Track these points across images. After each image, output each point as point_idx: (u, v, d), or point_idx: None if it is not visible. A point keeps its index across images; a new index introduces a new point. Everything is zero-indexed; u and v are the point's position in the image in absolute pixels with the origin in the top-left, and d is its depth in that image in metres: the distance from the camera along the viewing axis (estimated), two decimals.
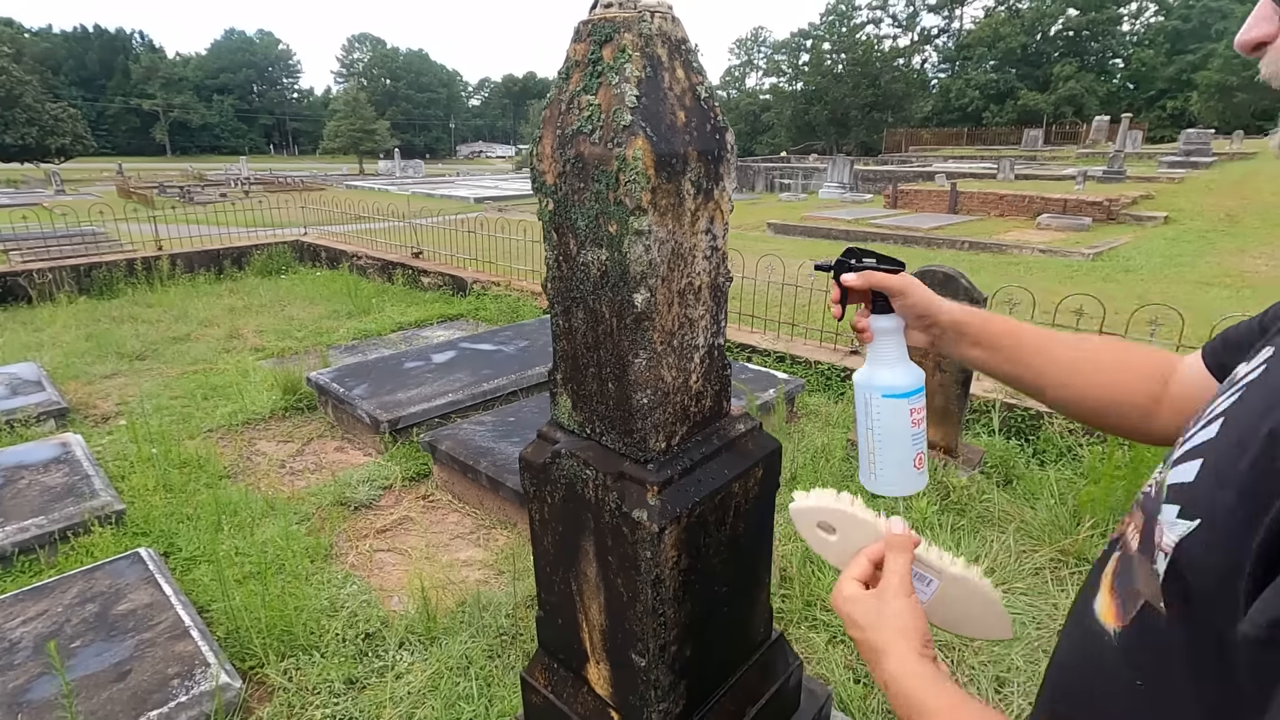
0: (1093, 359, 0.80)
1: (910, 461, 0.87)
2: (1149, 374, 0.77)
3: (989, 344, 0.83)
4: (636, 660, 1.13)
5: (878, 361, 0.87)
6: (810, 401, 4.20)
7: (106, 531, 2.72)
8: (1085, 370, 0.79)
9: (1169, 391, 0.76)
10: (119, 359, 5.17)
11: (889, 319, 0.86)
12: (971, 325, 0.84)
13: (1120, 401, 0.78)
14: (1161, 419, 0.76)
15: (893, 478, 0.88)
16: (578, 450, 1.11)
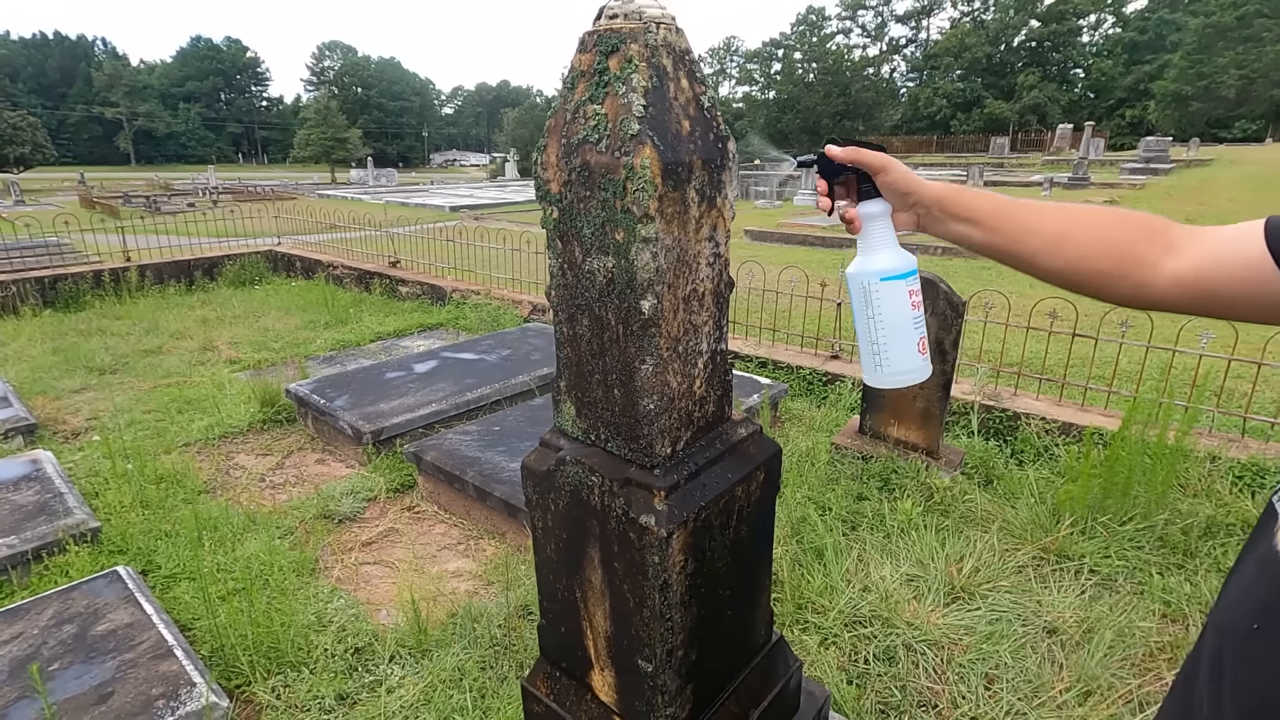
0: (1084, 226, 0.78)
1: (914, 346, 0.87)
2: (1148, 236, 0.74)
3: (974, 219, 0.82)
4: (643, 666, 1.14)
5: (870, 248, 0.87)
6: (793, 406, 4.24)
7: (82, 550, 2.64)
8: (1076, 239, 0.77)
9: (1191, 252, 0.71)
10: (88, 373, 5.03)
11: (876, 204, 0.86)
12: (955, 201, 0.83)
13: (1115, 266, 0.75)
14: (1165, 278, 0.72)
15: (899, 365, 0.88)
16: (583, 457, 1.11)
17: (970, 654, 2.17)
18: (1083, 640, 2.19)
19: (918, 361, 0.88)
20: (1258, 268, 0.65)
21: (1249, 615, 0.57)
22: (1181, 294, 0.71)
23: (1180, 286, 0.71)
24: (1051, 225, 0.78)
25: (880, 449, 3.41)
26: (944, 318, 3.11)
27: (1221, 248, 0.69)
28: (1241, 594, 0.61)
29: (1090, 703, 1.95)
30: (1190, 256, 0.71)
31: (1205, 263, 0.70)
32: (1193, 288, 0.71)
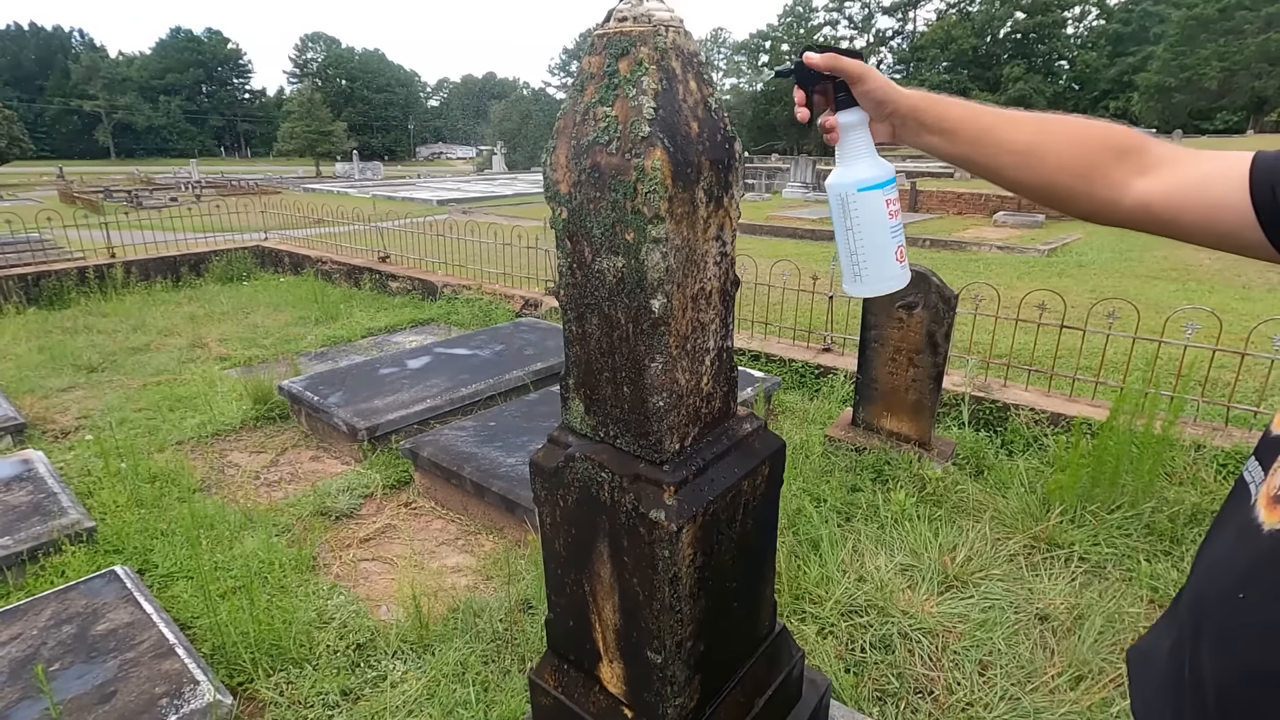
0: (1055, 139, 0.77)
1: (892, 254, 0.89)
2: (1120, 153, 0.74)
3: (947, 129, 0.82)
4: (652, 658, 1.16)
5: (848, 158, 0.88)
6: (786, 399, 4.27)
7: (78, 550, 2.63)
8: (1045, 152, 0.77)
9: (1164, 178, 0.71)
10: (75, 371, 4.98)
11: (853, 113, 0.86)
12: (929, 110, 0.83)
13: (1083, 184, 0.75)
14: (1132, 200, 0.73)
15: (877, 273, 0.89)
16: (592, 453, 1.13)
17: (964, 641, 2.21)
18: (1074, 626, 2.24)
19: (895, 269, 0.89)
20: (1234, 210, 0.65)
21: (1233, 585, 0.57)
22: (1146, 216, 0.72)
23: (1147, 209, 0.72)
24: (1022, 138, 0.78)
25: (873, 441, 3.45)
26: (936, 311, 3.15)
27: (1197, 182, 0.69)
28: (1220, 564, 0.61)
29: (1082, 687, 2.00)
30: (1162, 182, 0.71)
31: (1176, 192, 0.70)
32: (1160, 214, 0.71)
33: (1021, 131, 0.79)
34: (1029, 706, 1.93)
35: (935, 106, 0.83)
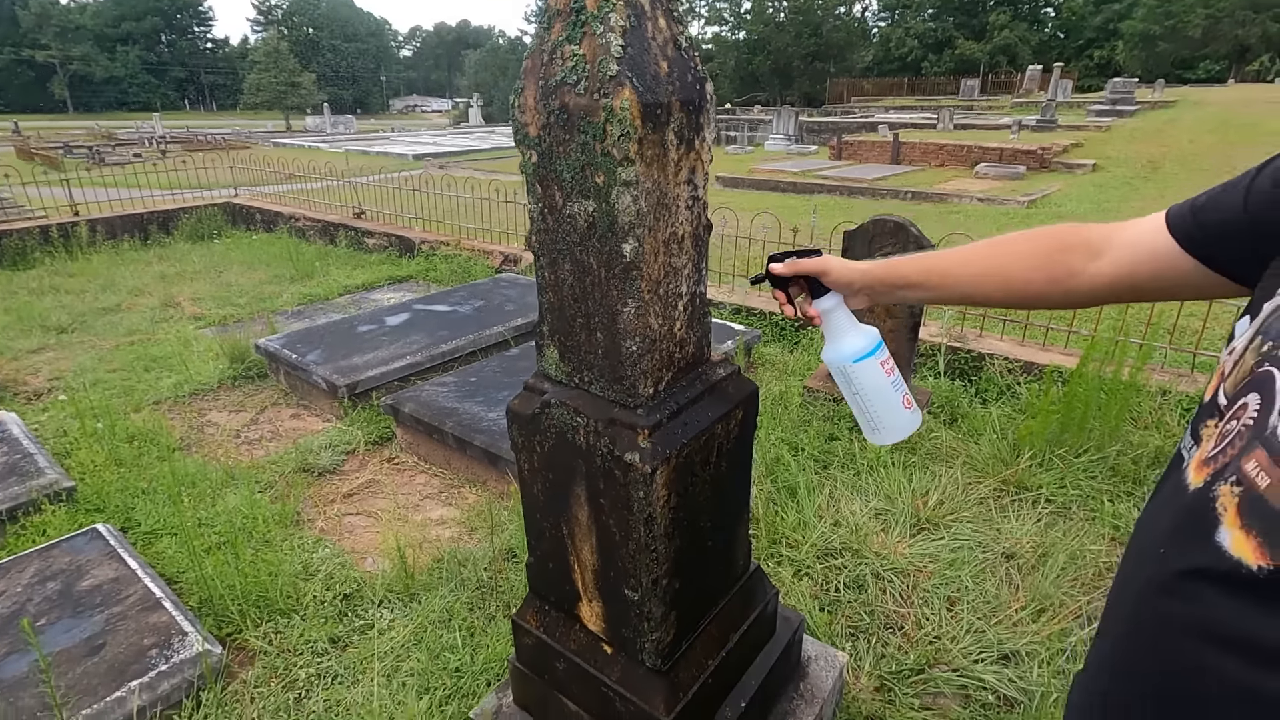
0: (1009, 256, 0.86)
1: (899, 404, 0.97)
2: (1068, 247, 0.82)
3: (911, 283, 0.92)
4: (630, 595, 1.20)
5: (835, 335, 0.98)
6: (766, 352, 4.31)
7: (58, 509, 2.63)
8: (1004, 270, 0.85)
9: (1104, 267, 0.79)
10: (45, 332, 4.89)
11: (828, 298, 0.97)
12: (890, 276, 0.93)
13: (1046, 285, 0.83)
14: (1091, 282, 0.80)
15: (892, 424, 0.98)
16: (567, 399, 1.14)
17: (934, 579, 2.30)
18: (1038, 563, 2.33)
19: (907, 417, 0.98)
20: (1169, 256, 0.73)
21: (1156, 542, 0.61)
22: (1110, 291, 0.80)
23: (1108, 285, 0.79)
24: (978, 268, 0.87)
25: None
26: None
27: (1134, 243, 0.77)
28: (1148, 523, 0.65)
29: (1043, 619, 2.10)
30: (1110, 258, 0.79)
31: (1123, 260, 0.78)
32: (1119, 284, 0.79)
33: (975, 264, 0.88)
34: (993, 638, 2.02)
35: (894, 271, 0.93)
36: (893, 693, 1.90)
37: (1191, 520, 0.56)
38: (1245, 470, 0.53)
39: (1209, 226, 0.71)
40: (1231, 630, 0.52)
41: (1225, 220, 0.69)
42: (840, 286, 0.96)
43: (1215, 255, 0.70)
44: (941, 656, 2.01)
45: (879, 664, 1.99)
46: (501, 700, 1.64)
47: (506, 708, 1.62)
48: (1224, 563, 0.52)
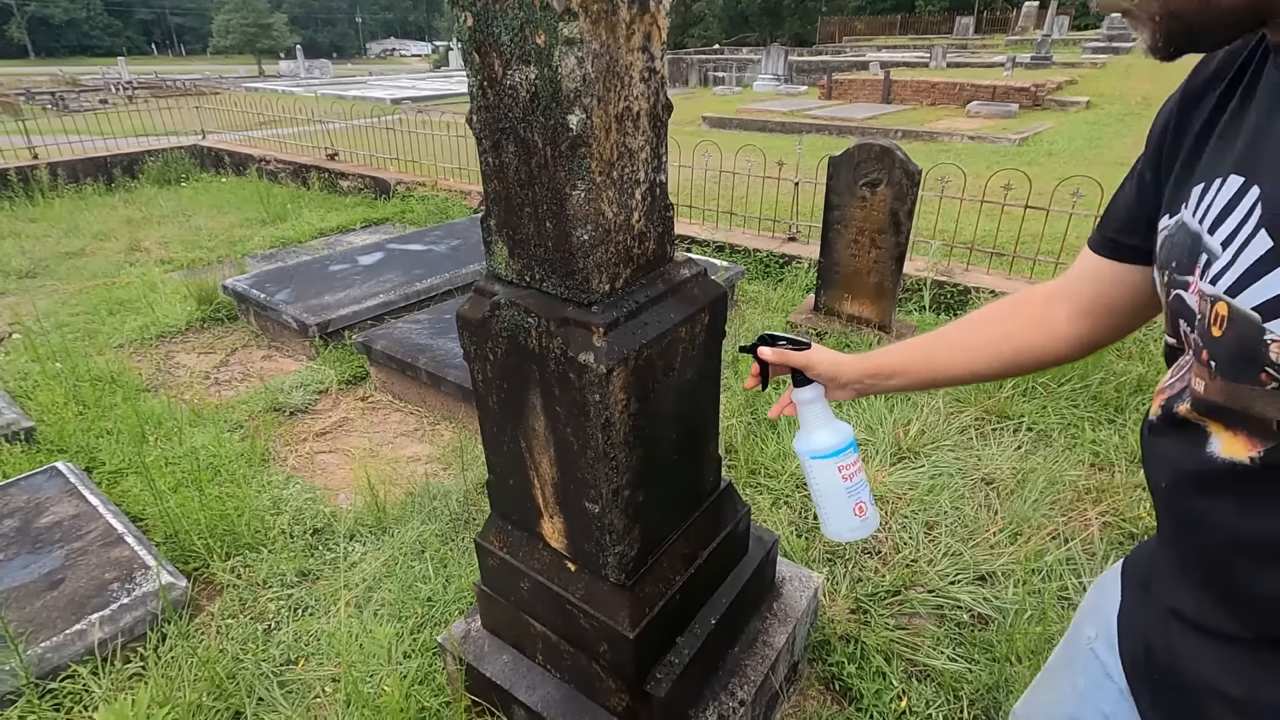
0: (988, 324, 0.89)
1: (850, 511, 0.98)
2: (1035, 301, 0.87)
3: (898, 373, 0.93)
4: (590, 508, 1.14)
5: (806, 428, 0.98)
6: (750, 289, 4.23)
7: (16, 449, 2.54)
8: (986, 340, 0.88)
9: (1072, 308, 0.83)
10: (5, 277, 4.72)
11: (808, 389, 0.97)
12: (877, 369, 0.94)
13: (1025, 355, 0.86)
14: (1069, 334, 0.84)
15: (836, 526, 1.00)
16: (517, 299, 1.06)
17: (913, 505, 2.28)
18: (1016, 488, 2.31)
19: (855, 522, 0.99)
20: (1110, 274, 0.77)
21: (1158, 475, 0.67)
22: (1088, 324, 0.82)
23: (1091, 333, 0.83)
24: (962, 339, 0.90)
25: (834, 325, 3.44)
26: (899, 187, 3.07)
27: (1078, 277, 0.82)
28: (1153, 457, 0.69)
29: (1019, 541, 2.09)
30: (1070, 297, 0.83)
31: (1083, 294, 0.81)
32: (1094, 314, 0.81)
33: (956, 338, 0.91)
34: (969, 560, 2.01)
35: (881, 363, 0.94)
36: (868, 614, 1.89)
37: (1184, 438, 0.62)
38: (1194, 387, 0.60)
39: (1116, 223, 0.75)
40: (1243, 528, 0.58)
41: (1127, 209, 0.74)
42: (826, 380, 0.97)
43: (1133, 247, 0.74)
44: (918, 579, 2.00)
45: (855, 587, 1.98)
46: (470, 625, 1.61)
47: (475, 632, 1.59)
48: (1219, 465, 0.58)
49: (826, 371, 0.96)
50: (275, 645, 1.84)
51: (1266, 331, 0.51)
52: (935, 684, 1.70)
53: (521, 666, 1.50)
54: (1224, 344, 0.55)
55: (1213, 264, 0.56)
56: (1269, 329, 0.51)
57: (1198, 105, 0.64)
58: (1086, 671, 0.81)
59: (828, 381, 0.97)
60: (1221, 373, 0.56)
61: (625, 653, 1.22)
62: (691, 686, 1.37)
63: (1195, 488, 0.61)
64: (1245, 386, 0.54)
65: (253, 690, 1.71)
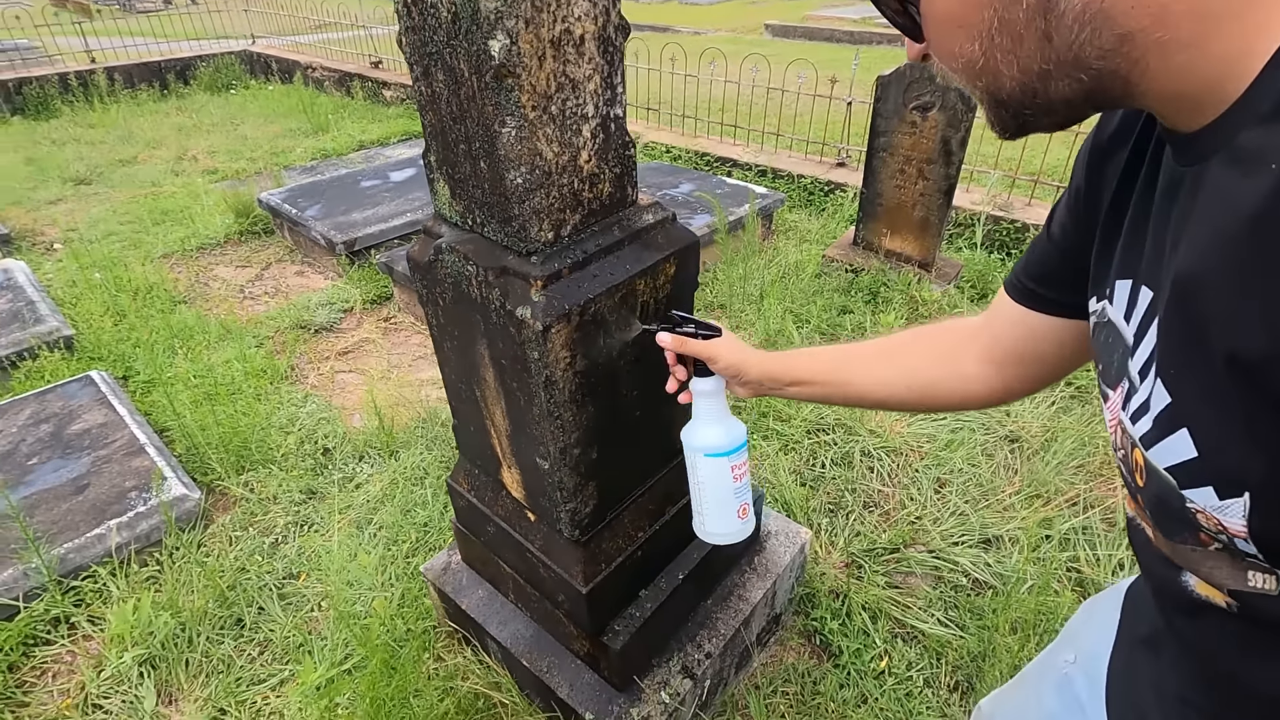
0: (896, 362, 0.83)
1: (734, 513, 0.94)
2: (945, 354, 0.79)
3: (804, 380, 0.87)
4: (541, 464, 1.10)
5: (698, 421, 0.94)
6: (790, 218, 4.01)
7: (56, 356, 2.67)
8: (895, 379, 0.82)
9: (981, 349, 0.76)
10: (63, 184, 4.87)
11: (708, 381, 0.92)
12: (783, 372, 0.88)
13: (934, 393, 0.80)
14: (977, 377, 0.76)
15: (715, 526, 0.96)
16: (458, 244, 0.98)
17: (926, 460, 2.18)
18: (1041, 449, 2.17)
19: (735, 525, 0.95)
20: (1025, 322, 0.69)
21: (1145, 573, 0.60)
22: (997, 375, 0.75)
23: (989, 364, 0.75)
24: (872, 365, 0.84)
25: (872, 261, 3.24)
26: (954, 112, 2.78)
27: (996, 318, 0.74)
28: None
29: (1035, 505, 1.98)
30: (984, 337, 0.76)
31: (994, 339, 0.74)
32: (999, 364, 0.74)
33: (868, 360, 0.85)
34: (976, 522, 1.92)
35: (788, 366, 0.88)
36: (862, 570, 1.84)
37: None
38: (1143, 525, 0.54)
39: (1034, 270, 0.67)
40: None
41: (1045, 258, 0.66)
42: (728, 374, 0.91)
43: (1052, 300, 0.66)
44: (919, 537, 1.93)
45: (852, 541, 1.92)
46: (451, 558, 1.64)
47: (455, 565, 1.62)
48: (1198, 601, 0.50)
49: (729, 366, 0.90)
50: (279, 559, 1.93)
51: (1186, 499, 0.43)
52: (920, 646, 1.66)
53: (495, 603, 1.52)
54: (1149, 496, 0.48)
55: (1132, 397, 0.47)
56: (1188, 497, 0.42)
57: (1105, 166, 0.56)
58: (1060, 694, 0.76)
59: (730, 377, 0.91)
60: (1158, 526, 0.49)
61: (580, 606, 1.21)
62: (654, 638, 1.36)
63: (1180, 609, 0.52)
64: (1186, 547, 0.46)
65: (254, 601, 1.80)
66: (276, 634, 1.72)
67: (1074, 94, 0.43)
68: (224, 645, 1.69)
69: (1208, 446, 0.40)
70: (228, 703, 1.58)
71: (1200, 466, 0.41)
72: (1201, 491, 0.41)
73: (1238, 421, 0.38)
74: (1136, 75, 0.41)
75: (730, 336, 0.92)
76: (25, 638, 1.69)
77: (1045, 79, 0.43)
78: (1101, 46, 0.40)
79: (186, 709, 1.57)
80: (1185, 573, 0.49)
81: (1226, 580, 0.44)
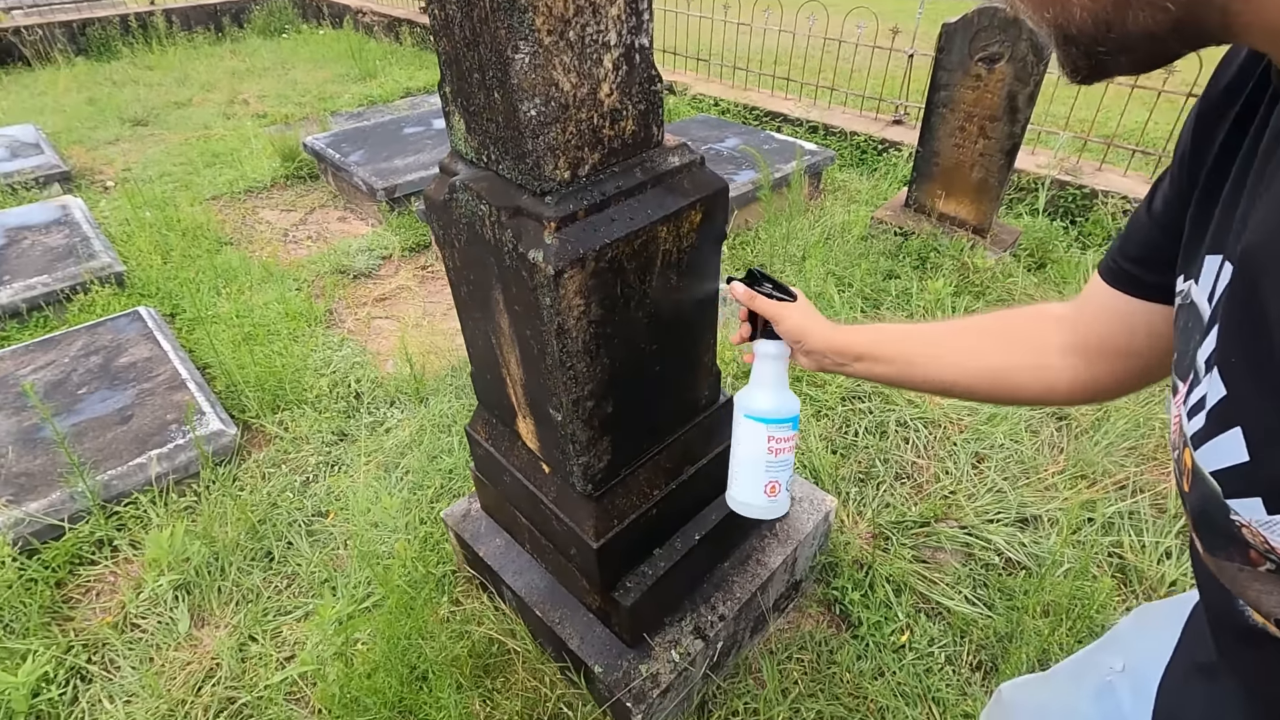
0: (968, 342, 0.76)
1: (761, 487, 0.91)
2: (1030, 341, 0.72)
3: (865, 355, 0.82)
4: (554, 415, 1.07)
5: (754, 384, 0.91)
6: (840, 177, 3.84)
7: (106, 291, 2.76)
8: (964, 361, 0.75)
9: (1070, 339, 0.69)
10: (121, 124, 4.99)
11: (773, 344, 0.89)
12: (844, 345, 0.83)
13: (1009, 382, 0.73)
14: (1062, 369, 0.69)
15: (744, 497, 0.93)
16: (473, 183, 0.94)
17: (966, 434, 2.09)
18: (1091, 428, 2.06)
19: (762, 500, 0.92)
20: (1124, 309, 0.62)
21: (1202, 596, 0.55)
22: (1086, 369, 0.68)
23: (1078, 356, 0.68)
24: (941, 343, 0.78)
25: (924, 224, 3.09)
26: (1023, 65, 2.58)
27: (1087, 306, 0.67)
28: None
29: (1080, 486, 1.88)
30: (1074, 326, 0.69)
31: (1086, 329, 0.67)
32: (1090, 355, 0.67)
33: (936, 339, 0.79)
34: (1014, 500, 1.84)
35: (851, 341, 0.83)
36: (889, 541, 1.79)
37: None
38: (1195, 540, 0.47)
39: (1132, 252, 0.60)
40: None
41: (1146, 237, 0.59)
42: (791, 340, 0.88)
43: (1152, 284, 0.59)
44: (952, 512, 1.85)
45: (881, 512, 1.86)
46: (471, 505, 1.64)
47: (475, 512, 1.62)
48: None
49: (792, 331, 0.86)
50: (309, 497, 1.97)
51: (1231, 510, 0.37)
52: (944, 623, 1.61)
53: (512, 552, 1.52)
54: (1193, 505, 0.42)
55: (1194, 390, 0.41)
56: (1233, 508, 0.37)
57: (1215, 125, 0.48)
58: (1098, 701, 0.72)
59: (793, 343, 0.88)
60: (1202, 540, 0.43)
61: (591, 561, 1.19)
62: (667, 597, 1.34)
63: (1238, 638, 0.46)
64: (1232, 566, 0.40)
65: (283, 535, 1.85)
66: (303, 569, 1.76)
67: (1157, 25, 0.36)
68: (253, 576, 1.75)
69: (1260, 451, 0.35)
70: (256, 630, 1.63)
71: (1250, 472, 0.36)
72: (1249, 503, 0.36)
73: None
74: (1238, 5, 0.33)
75: (804, 304, 0.89)
76: (71, 557, 1.78)
77: (1122, 7, 0.36)
78: None
79: (217, 633, 1.64)
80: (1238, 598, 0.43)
81: (1276, 609, 0.39)
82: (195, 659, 1.58)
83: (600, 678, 1.29)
